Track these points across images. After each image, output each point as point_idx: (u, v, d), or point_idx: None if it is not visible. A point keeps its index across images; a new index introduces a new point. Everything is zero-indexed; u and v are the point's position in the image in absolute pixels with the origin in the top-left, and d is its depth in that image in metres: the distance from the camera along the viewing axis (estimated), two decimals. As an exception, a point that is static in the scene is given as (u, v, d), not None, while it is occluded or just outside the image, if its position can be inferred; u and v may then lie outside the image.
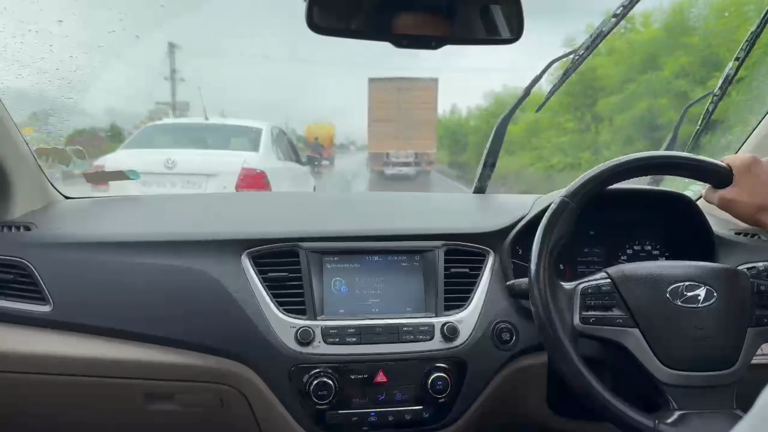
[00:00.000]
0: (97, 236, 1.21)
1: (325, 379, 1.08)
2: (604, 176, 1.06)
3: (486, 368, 1.16)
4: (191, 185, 5.30)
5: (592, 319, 1.00)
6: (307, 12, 0.90)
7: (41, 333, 1.13)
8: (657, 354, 0.98)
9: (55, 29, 1.43)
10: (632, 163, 1.06)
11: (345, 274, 1.19)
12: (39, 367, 1.13)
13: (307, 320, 1.12)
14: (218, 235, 1.20)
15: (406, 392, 1.13)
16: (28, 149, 1.36)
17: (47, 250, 1.18)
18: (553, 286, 1.00)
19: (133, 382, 1.14)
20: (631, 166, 1.06)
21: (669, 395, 0.96)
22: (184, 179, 5.39)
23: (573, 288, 1.02)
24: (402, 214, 1.44)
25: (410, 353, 1.13)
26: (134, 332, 1.12)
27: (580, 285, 1.02)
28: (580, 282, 1.03)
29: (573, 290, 1.02)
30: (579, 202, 1.04)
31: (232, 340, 1.12)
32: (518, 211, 1.30)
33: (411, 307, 1.18)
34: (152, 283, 1.15)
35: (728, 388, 0.97)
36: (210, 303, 1.13)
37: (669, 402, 0.96)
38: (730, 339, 0.99)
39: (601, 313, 1.00)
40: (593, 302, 1.01)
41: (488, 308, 1.18)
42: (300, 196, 2.24)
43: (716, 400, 0.96)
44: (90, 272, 1.16)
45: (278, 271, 1.16)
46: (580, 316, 1.00)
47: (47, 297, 1.13)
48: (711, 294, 1.00)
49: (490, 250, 1.25)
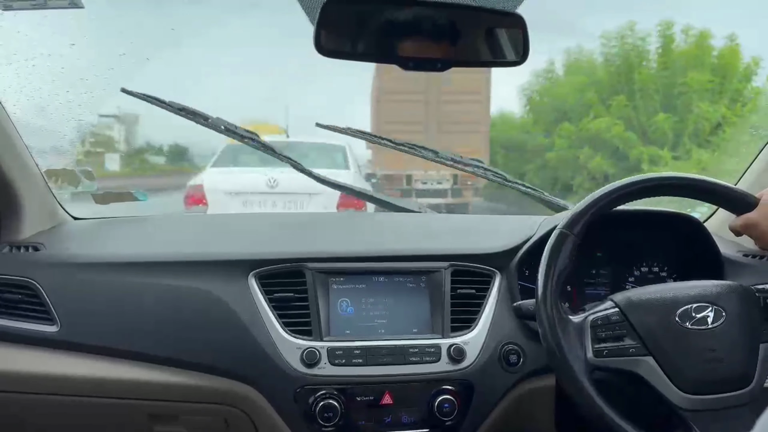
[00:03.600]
0: (104, 257, 1.22)
1: (331, 401, 1.07)
2: (610, 198, 1.06)
3: (493, 390, 1.15)
4: (292, 204, 5.31)
5: (605, 351, 0.99)
6: (315, 35, 0.91)
7: (48, 353, 1.13)
8: (672, 380, 0.97)
9: (66, 51, 1.46)
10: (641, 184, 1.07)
11: (351, 295, 1.19)
12: (45, 387, 1.13)
13: (313, 341, 1.11)
14: (225, 256, 1.20)
15: (413, 414, 1.12)
16: (38, 170, 1.38)
17: (55, 270, 1.18)
18: (563, 322, 1.00)
19: (138, 403, 1.14)
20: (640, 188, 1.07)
21: (690, 421, 0.95)
22: (285, 198, 5.38)
23: (582, 321, 1.01)
24: (408, 235, 1.44)
25: (417, 375, 1.12)
26: (140, 353, 1.12)
27: (589, 317, 1.02)
28: (588, 313, 1.02)
29: (583, 323, 1.01)
30: (579, 231, 1.04)
31: (237, 361, 1.11)
32: (524, 232, 1.30)
33: (417, 329, 1.17)
34: (159, 303, 1.15)
35: (747, 407, 0.96)
36: (216, 323, 1.13)
37: (691, 428, 0.95)
38: (743, 358, 0.98)
39: (613, 345, 0.99)
40: (604, 334, 1.00)
41: (495, 330, 1.17)
42: (306, 216, 2.25)
43: (737, 421, 0.95)
44: (97, 293, 1.16)
45: (284, 292, 1.15)
46: (593, 349, 0.99)
47: (54, 317, 1.13)
48: (720, 314, 0.99)
49: (496, 271, 1.25)
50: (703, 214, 1.66)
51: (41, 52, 1.46)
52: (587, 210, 1.05)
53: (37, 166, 1.37)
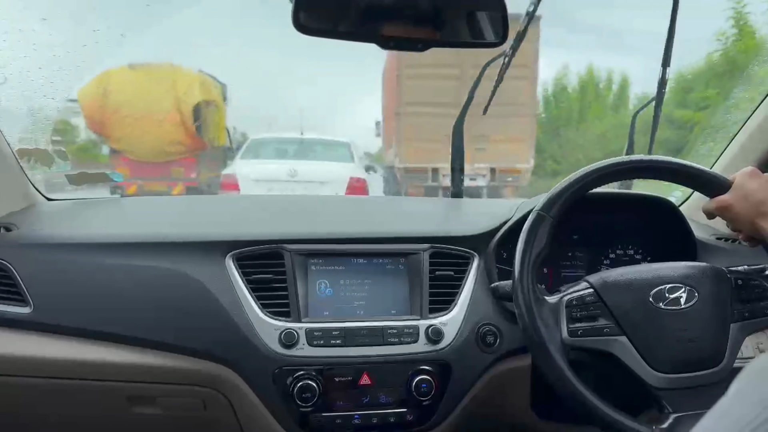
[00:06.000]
0: (78, 237, 1.19)
1: (309, 382, 1.08)
2: (586, 181, 1.07)
3: (470, 370, 1.17)
4: (308, 191, 6.08)
5: (580, 331, 1.01)
6: (294, 13, 0.90)
7: (21, 335, 1.11)
8: (646, 359, 0.99)
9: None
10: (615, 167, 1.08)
11: (330, 277, 1.19)
12: (19, 369, 1.11)
13: (291, 322, 1.11)
14: (202, 237, 1.19)
15: (391, 395, 1.13)
16: (10, 150, 1.35)
17: (28, 251, 1.16)
18: (538, 302, 1.01)
19: (115, 385, 1.13)
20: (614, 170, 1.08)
21: (663, 400, 0.97)
22: (303, 186, 6.29)
23: (557, 301, 1.03)
24: (387, 217, 1.44)
25: (395, 356, 1.13)
26: (116, 334, 1.11)
27: (564, 297, 1.03)
28: (563, 294, 1.04)
29: (558, 303, 1.03)
30: (557, 212, 1.05)
31: (215, 343, 1.11)
32: (502, 215, 1.31)
33: (396, 310, 1.18)
34: (134, 284, 1.14)
35: (719, 386, 0.98)
36: (193, 305, 1.12)
37: (664, 407, 0.97)
38: (714, 337, 1.01)
39: (587, 324, 1.01)
40: (579, 314, 1.02)
41: (473, 311, 1.19)
42: (284, 198, 2.23)
43: (709, 399, 0.97)
44: (71, 274, 1.14)
45: (262, 273, 1.15)
46: (568, 329, 1.01)
47: (27, 299, 1.11)
48: (692, 294, 1.01)
49: (474, 254, 1.26)
50: (679, 198, 1.69)
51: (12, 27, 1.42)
52: (564, 192, 1.06)
53: (9, 146, 1.34)
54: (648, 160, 1.09)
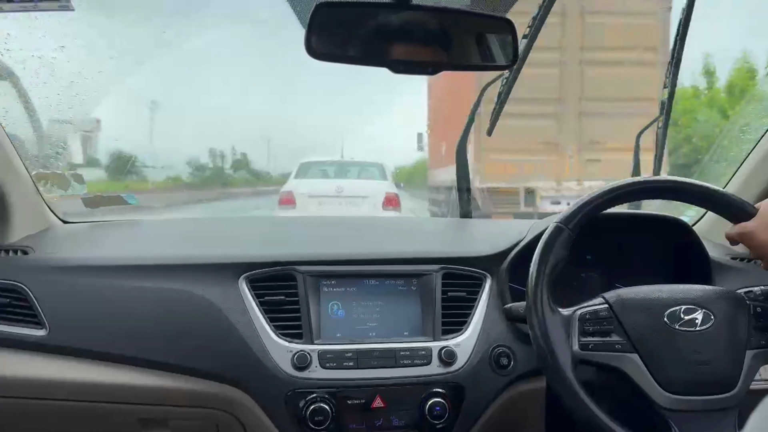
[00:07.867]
0: (94, 260, 1.21)
1: (322, 405, 1.07)
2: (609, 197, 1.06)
3: (484, 393, 1.15)
4: (351, 204, 7.10)
5: (591, 345, 0.99)
6: (306, 38, 0.92)
7: (36, 357, 1.12)
8: (657, 379, 0.97)
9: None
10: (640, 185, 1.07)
11: (342, 298, 1.18)
12: (34, 392, 1.12)
13: (303, 344, 1.11)
14: (215, 259, 1.20)
15: (404, 417, 1.12)
16: (27, 173, 1.37)
17: (44, 274, 1.18)
18: (551, 313, 1.00)
19: (128, 407, 1.13)
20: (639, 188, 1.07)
21: (671, 420, 0.95)
22: (347, 200, 7.19)
23: (571, 314, 1.02)
24: (399, 238, 1.44)
25: (408, 378, 1.12)
26: (130, 356, 1.12)
27: (578, 311, 1.02)
28: (577, 308, 1.03)
29: (571, 316, 1.02)
30: (574, 227, 1.04)
31: (228, 365, 1.11)
32: (514, 235, 1.30)
33: (408, 332, 1.17)
34: (149, 307, 1.14)
35: (729, 411, 0.96)
36: (206, 327, 1.12)
37: (671, 428, 0.95)
38: (728, 362, 0.99)
39: (599, 339, 1.00)
40: (591, 328, 1.00)
41: (486, 332, 1.18)
42: (297, 219, 2.25)
43: (718, 424, 0.96)
44: (86, 296, 1.15)
45: (275, 295, 1.15)
46: (579, 342, 0.99)
47: (43, 321, 1.12)
48: (708, 317, 0.99)
49: (487, 274, 1.25)
50: (691, 217, 1.68)
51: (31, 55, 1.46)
52: (583, 207, 1.05)
53: (26, 170, 1.37)
54: (671, 181, 1.08)
